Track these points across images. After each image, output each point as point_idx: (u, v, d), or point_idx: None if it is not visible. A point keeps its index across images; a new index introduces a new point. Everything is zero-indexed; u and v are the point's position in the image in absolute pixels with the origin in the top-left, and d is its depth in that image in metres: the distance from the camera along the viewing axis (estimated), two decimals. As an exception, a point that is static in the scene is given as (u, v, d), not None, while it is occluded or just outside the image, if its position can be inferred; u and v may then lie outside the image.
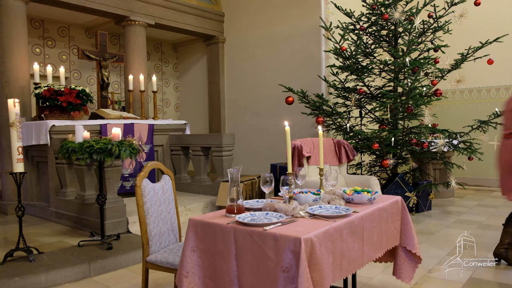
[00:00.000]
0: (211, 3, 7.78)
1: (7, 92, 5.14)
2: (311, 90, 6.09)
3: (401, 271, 2.56)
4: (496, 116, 5.13)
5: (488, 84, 7.39)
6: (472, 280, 3.02)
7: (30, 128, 4.84)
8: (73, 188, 4.66)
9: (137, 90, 6.14)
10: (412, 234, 2.54)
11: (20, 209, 3.29)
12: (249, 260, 1.81)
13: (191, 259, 1.99)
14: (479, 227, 4.57)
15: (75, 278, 3.18)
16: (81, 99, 4.97)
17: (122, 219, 4.17)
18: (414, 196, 5.09)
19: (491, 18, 7.07)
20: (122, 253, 3.51)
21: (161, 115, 8.80)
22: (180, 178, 5.92)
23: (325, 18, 6.23)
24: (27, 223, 4.56)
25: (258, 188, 5.32)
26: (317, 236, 1.75)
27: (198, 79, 8.68)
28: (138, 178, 2.30)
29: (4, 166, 5.22)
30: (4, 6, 5.16)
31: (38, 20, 7.09)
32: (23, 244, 3.32)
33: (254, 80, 7.42)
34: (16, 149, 3.22)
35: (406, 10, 5.35)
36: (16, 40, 5.21)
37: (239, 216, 1.95)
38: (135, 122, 5.40)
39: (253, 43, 7.40)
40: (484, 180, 7.35)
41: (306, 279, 1.63)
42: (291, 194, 2.12)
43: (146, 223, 2.31)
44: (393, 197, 2.55)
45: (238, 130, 7.45)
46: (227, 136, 5.45)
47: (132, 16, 6.50)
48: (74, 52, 7.46)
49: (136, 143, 3.84)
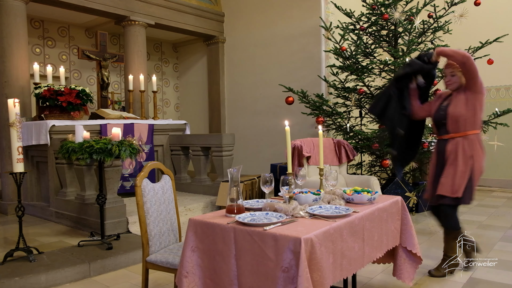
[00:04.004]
0: (211, 3, 7.78)
1: (7, 92, 5.14)
2: (311, 90, 6.09)
3: (401, 272, 2.55)
4: (496, 116, 5.13)
5: (488, 84, 7.38)
6: (472, 280, 3.02)
7: (30, 128, 4.84)
8: (73, 188, 4.66)
9: (137, 90, 6.13)
10: (412, 234, 2.55)
11: (20, 209, 3.29)
12: (249, 260, 1.81)
13: (191, 259, 1.99)
14: (479, 227, 4.56)
15: (75, 278, 3.18)
16: (81, 99, 4.97)
17: (122, 219, 4.16)
18: (414, 196, 5.09)
19: (491, 18, 7.07)
20: (122, 253, 3.51)
21: (161, 115, 8.80)
22: (180, 178, 5.91)
23: (325, 18, 6.23)
24: (27, 223, 4.56)
25: (258, 188, 5.32)
26: (317, 236, 1.75)
27: (198, 79, 8.68)
28: (138, 178, 2.30)
29: (4, 166, 5.22)
30: (4, 6, 5.16)
31: (38, 20, 7.09)
32: (23, 244, 3.32)
33: (254, 80, 7.41)
34: (16, 149, 3.21)
35: (406, 10, 5.34)
36: (16, 40, 5.21)
37: (239, 216, 1.95)
38: (135, 122, 5.40)
39: (253, 43, 7.40)
40: (484, 180, 7.34)
41: (306, 279, 1.63)
42: (291, 194, 2.12)
43: (146, 223, 2.31)
44: (393, 197, 2.55)
45: (238, 130, 7.45)
46: (227, 136, 5.45)
47: (132, 16, 6.50)
48: (74, 52, 7.46)
49: (136, 143, 3.83)
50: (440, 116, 3.14)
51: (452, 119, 3.05)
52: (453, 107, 3.05)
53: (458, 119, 3.02)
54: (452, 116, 3.05)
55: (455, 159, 3.02)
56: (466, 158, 3.00)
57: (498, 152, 6.30)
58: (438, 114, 3.16)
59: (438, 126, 3.20)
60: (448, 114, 3.07)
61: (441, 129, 3.16)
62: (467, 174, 2.98)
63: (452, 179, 3.00)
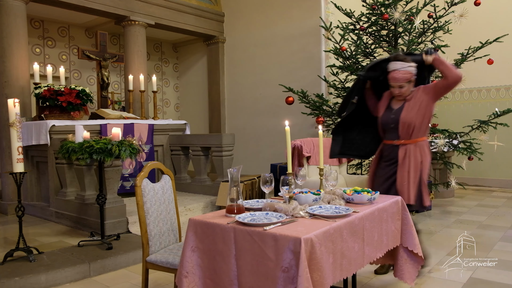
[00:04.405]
0: (211, 3, 7.78)
1: (7, 92, 5.14)
2: (311, 90, 6.09)
3: (403, 272, 2.55)
4: (496, 116, 5.13)
5: (488, 84, 7.39)
6: (472, 280, 3.02)
7: (30, 128, 4.84)
8: (73, 188, 4.66)
9: (137, 90, 6.13)
10: (413, 234, 2.54)
11: (20, 209, 3.29)
12: (249, 260, 1.81)
13: (191, 259, 1.99)
14: (479, 227, 4.56)
15: (75, 278, 3.18)
16: (81, 99, 4.97)
17: (122, 219, 4.16)
18: (414, 196, 5.08)
19: (491, 18, 7.07)
20: (122, 253, 3.51)
21: (161, 115, 8.80)
22: (180, 178, 5.91)
23: (325, 18, 6.23)
24: (27, 223, 4.56)
25: (258, 188, 5.32)
26: (317, 236, 1.75)
27: (198, 79, 8.68)
28: (138, 178, 2.30)
29: (4, 166, 5.22)
30: (4, 6, 5.16)
31: (38, 20, 7.09)
32: (23, 244, 3.32)
33: (254, 80, 7.41)
34: (16, 149, 3.21)
35: (406, 10, 5.34)
36: (16, 40, 5.21)
37: (239, 216, 1.95)
38: (135, 122, 5.40)
39: (253, 43, 7.40)
40: (484, 180, 7.36)
41: (306, 279, 1.63)
42: (291, 194, 2.12)
43: (146, 223, 2.31)
44: (393, 197, 2.55)
45: (238, 130, 7.45)
46: (227, 136, 5.45)
47: (132, 16, 6.50)
48: (74, 52, 7.46)
49: (136, 143, 3.83)
50: (390, 120, 3.03)
51: (405, 125, 2.95)
52: (406, 114, 2.95)
53: (410, 125, 2.94)
54: (404, 123, 2.95)
55: (408, 166, 2.94)
56: (417, 164, 2.95)
57: (498, 152, 6.30)
58: (387, 117, 3.05)
59: (386, 130, 3.08)
60: (401, 120, 2.96)
61: (390, 133, 3.05)
62: (418, 181, 2.95)
63: (407, 187, 2.92)
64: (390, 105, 3.09)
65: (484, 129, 5.29)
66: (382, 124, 3.09)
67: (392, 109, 3.05)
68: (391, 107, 3.07)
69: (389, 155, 3.07)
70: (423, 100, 2.95)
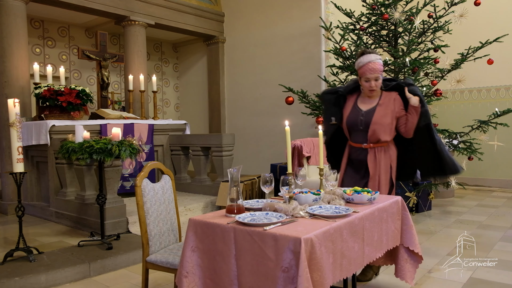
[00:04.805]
0: (211, 3, 7.78)
1: (7, 92, 5.14)
2: (311, 90, 6.09)
3: (403, 272, 2.55)
4: (496, 116, 5.13)
5: (488, 84, 7.38)
6: (472, 280, 3.02)
7: (30, 128, 4.84)
8: (73, 188, 4.66)
9: (137, 90, 6.13)
10: (413, 233, 2.54)
11: (20, 209, 3.29)
12: (249, 260, 1.81)
13: (191, 259, 1.99)
14: (479, 227, 4.56)
15: (75, 278, 3.18)
16: (81, 99, 4.97)
17: (122, 219, 4.16)
18: (414, 196, 5.09)
19: (491, 18, 7.06)
20: (122, 253, 3.51)
21: (161, 115, 8.80)
22: (180, 178, 5.91)
23: (325, 18, 6.23)
24: (27, 223, 4.56)
25: (258, 188, 5.32)
26: (317, 236, 1.75)
27: (198, 79, 8.68)
28: (138, 178, 2.30)
29: (4, 166, 5.22)
30: (4, 6, 5.16)
31: (38, 20, 7.09)
32: (23, 244, 3.32)
33: (254, 80, 7.41)
34: (16, 149, 3.21)
35: (406, 10, 5.34)
36: (16, 40, 5.21)
37: (239, 216, 1.95)
38: (135, 122, 5.40)
39: (253, 43, 7.40)
40: (484, 180, 7.35)
41: (306, 279, 1.63)
42: (291, 194, 2.12)
43: (146, 223, 2.31)
44: (393, 197, 2.54)
45: (238, 130, 7.45)
46: (227, 136, 5.45)
47: (132, 16, 6.50)
48: (74, 52, 7.46)
49: (136, 143, 3.83)
50: (358, 121, 2.90)
51: (375, 129, 2.84)
52: (379, 117, 2.85)
53: (381, 129, 2.84)
54: (375, 127, 2.84)
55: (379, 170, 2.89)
56: (387, 168, 2.91)
57: (498, 152, 6.30)
58: (355, 117, 2.91)
59: (353, 131, 2.95)
60: (372, 123, 2.85)
61: (358, 135, 2.93)
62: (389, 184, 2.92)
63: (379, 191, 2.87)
64: (357, 105, 2.97)
65: (484, 129, 5.29)
66: (349, 125, 2.96)
67: (360, 110, 2.93)
68: (359, 107, 2.95)
69: (357, 157, 2.98)
70: (393, 110, 2.87)
